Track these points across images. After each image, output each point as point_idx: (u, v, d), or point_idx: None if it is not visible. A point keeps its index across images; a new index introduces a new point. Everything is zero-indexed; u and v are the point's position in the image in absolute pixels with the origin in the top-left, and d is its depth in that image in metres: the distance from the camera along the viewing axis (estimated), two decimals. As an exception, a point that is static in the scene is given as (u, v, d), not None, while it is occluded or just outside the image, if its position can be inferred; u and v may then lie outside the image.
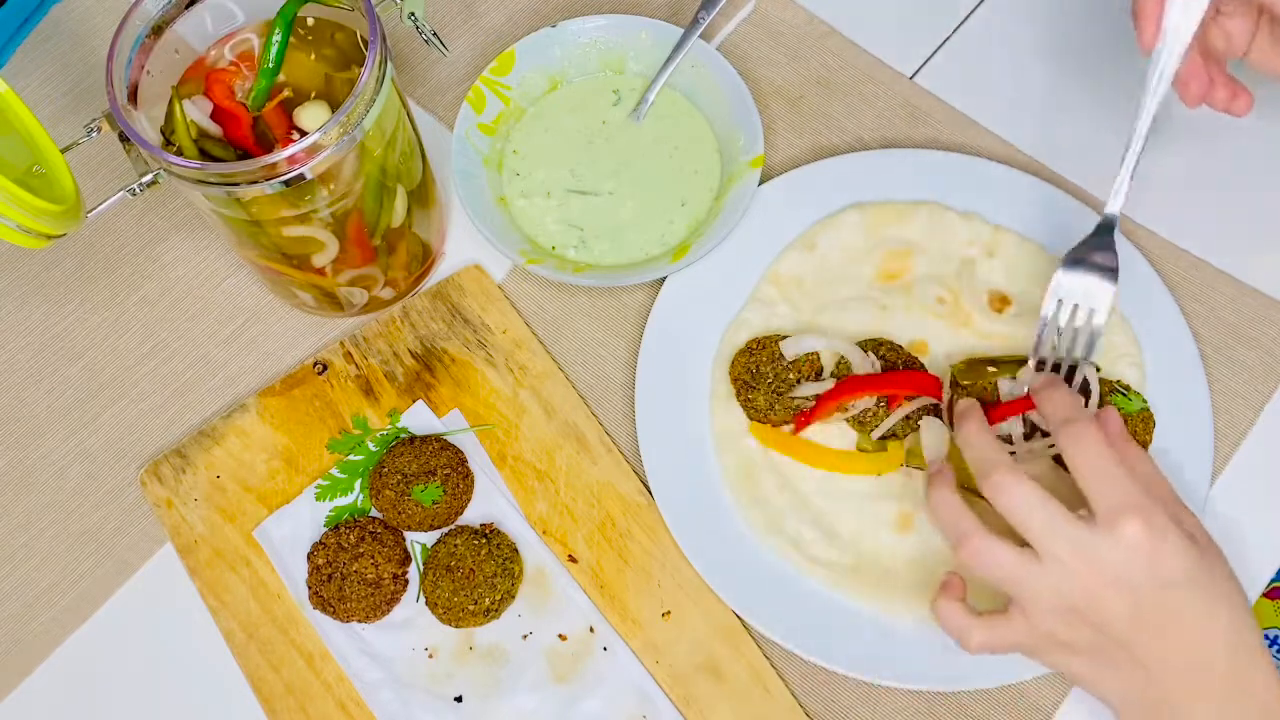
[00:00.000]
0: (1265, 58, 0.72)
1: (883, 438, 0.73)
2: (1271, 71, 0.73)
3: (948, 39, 0.88)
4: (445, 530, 0.73)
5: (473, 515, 0.74)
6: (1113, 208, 0.71)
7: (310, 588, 0.72)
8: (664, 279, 0.79)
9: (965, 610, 0.63)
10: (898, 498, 0.73)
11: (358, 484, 0.75)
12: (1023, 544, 0.61)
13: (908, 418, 0.73)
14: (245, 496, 0.75)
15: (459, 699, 0.70)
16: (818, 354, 0.75)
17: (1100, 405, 0.72)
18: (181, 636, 0.73)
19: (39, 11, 0.92)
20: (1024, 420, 0.71)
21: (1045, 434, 0.71)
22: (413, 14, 0.73)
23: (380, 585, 0.71)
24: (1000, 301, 0.77)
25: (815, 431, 0.74)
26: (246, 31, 0.72)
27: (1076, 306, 0.70)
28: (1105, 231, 0.71)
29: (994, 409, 0.70)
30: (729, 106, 0.82)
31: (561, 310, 0.81)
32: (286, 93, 0.70)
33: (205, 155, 0.68)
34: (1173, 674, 0.60)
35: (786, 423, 0.74)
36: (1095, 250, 0.71)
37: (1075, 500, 0.62)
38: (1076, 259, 0.71)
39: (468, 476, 0.74)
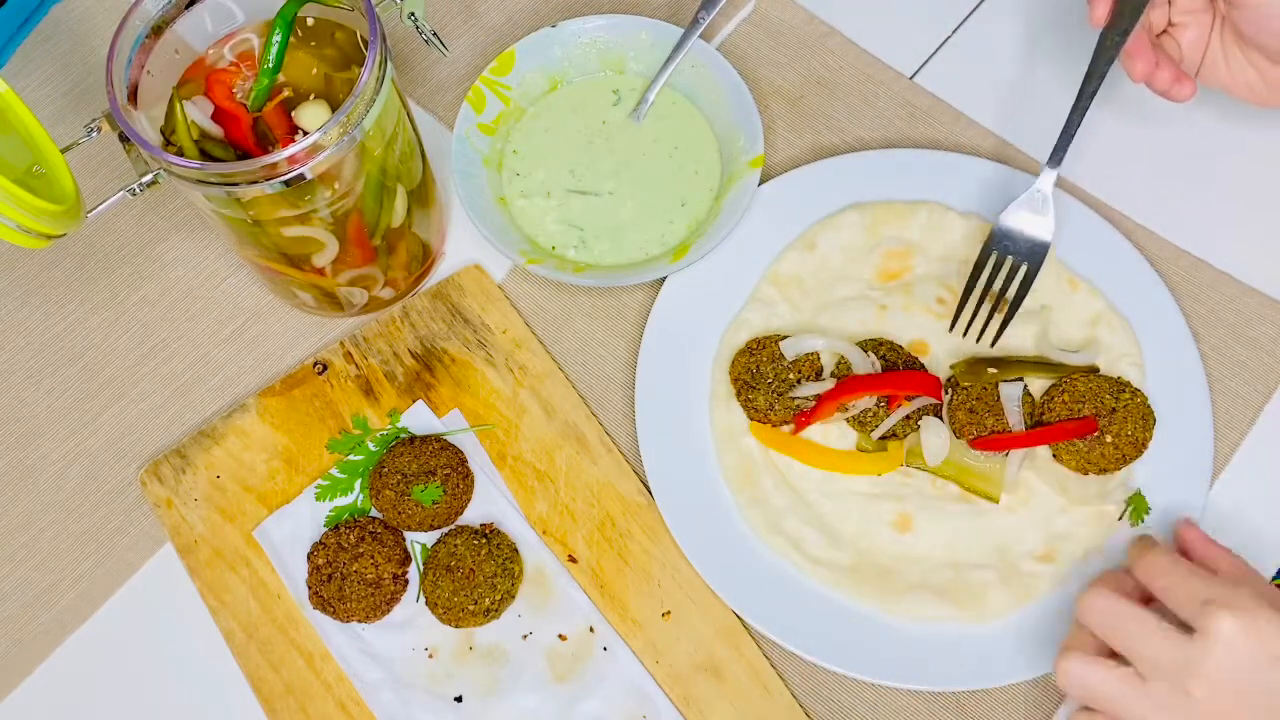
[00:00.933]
0: (1215, 69, 0.73)
1: (883, 438, 0.73)
2: (1220, 85, 0.73)
3: (948, 39, 0.88)
4: (445, 530, 0.73)
5: (473, 515, 0.74)
6: (1051, 165, 0.74)
7: (310, 588, 0.72)
8: (664, 279, 0.79)
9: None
10: (898, 498, 0.73)
11: (358, 484, 0.75)
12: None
13: (908, 418, 0.73)
14: (245, 496, 0.75)
15: (459, 699, 0.70)
16: (818, 354, 0.75)
17: (1109, 403, 0.72)
18: (181, 636, 0.73)
19: (39, 11, 0.92)
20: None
21: None
22: (413, 14, 0.73)
23: (380, 585, 0.71)
24: (1000, 302, 0.77)
25: (815, 431, 0.74)
26: (246, 31, 0.72)
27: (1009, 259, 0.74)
28: (1040, 195, 0.74)
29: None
30: (729, 106, 0.82)
31: (561, 310, 0.81)
32: (286, 93, 0.70)
33: (205, 155, 0.68)
34: None
35: (786, 423, 0.74)
36: (1027, 208, 0.74)
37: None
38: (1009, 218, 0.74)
39: (468, 476, 0.74)
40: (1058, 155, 0.74)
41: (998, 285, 0.74)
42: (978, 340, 0.75)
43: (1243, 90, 0.73)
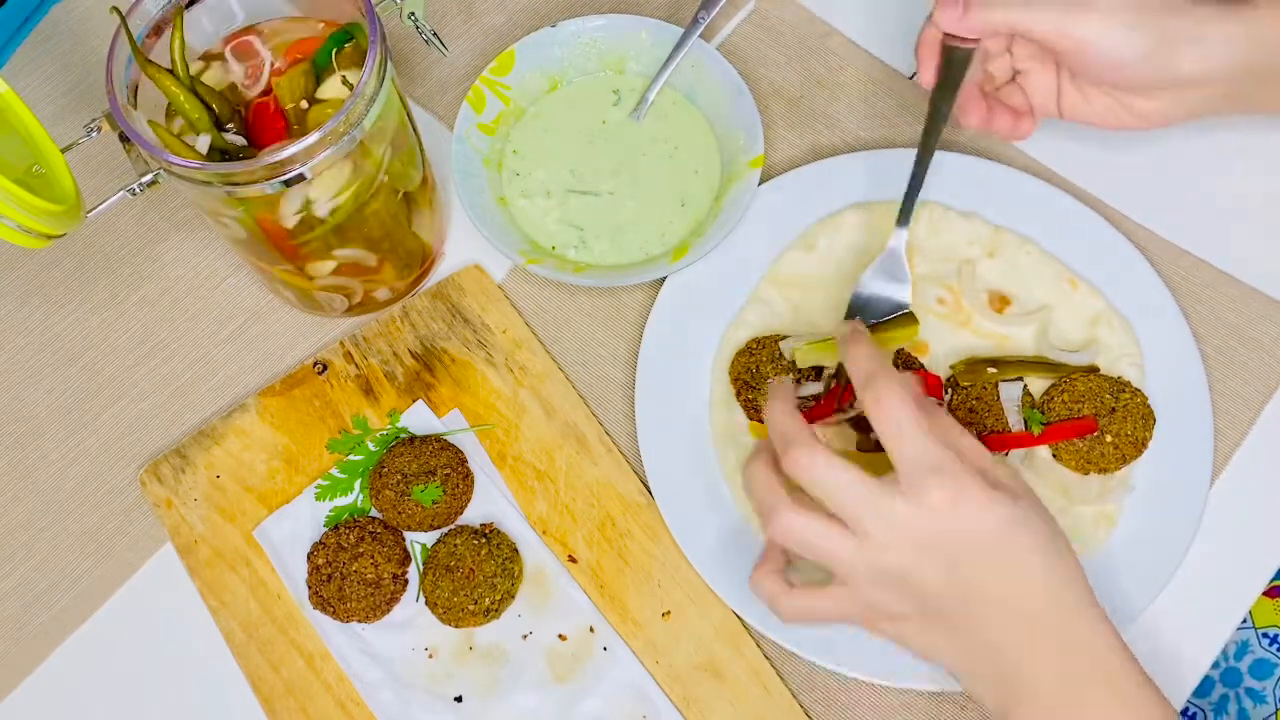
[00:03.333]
0: (1077, 109, 0.72)
1: (883, 438, 0.73)
2: (1087, 121, 0.73)
3: (948, 39, 0.88)
4: (445, 530, 0.73)
5: (473, 515, 0.74)
6: (900, 226, 0.73)
7: (310, 588, 0.72)
8: (664, 279, 0.79)
9: (778, 579, 0.62)
10: (898, 498, 0.73)
11: (358, 484, 0.75)
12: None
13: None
14: (245, 496, 0.75)
15: (459, 699, 0.70)
16: (818, 354, 0.75)
17: (1112, 406, 0.72)
18: (181, 636, 0.73)
19: (39, 11, 0.92)
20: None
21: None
22: (413, 14, 0.73)
23: (380, 585, 0.71)
24: (1000, 301, 0.77)
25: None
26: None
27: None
28: (894, 257, 0.73)
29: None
30: (729, 106, 0.82)
31: (561, 310, 0.81)
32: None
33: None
34: (998, 633, 0.58)
35: (786, 423, 0.74)
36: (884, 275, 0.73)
37: (886, 470, 0.60)
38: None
39: (468, 476, 0.74)
40: (905, 216, 0.73)
41: None
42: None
43: (1110, 120, 0.72)
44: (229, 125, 0.69)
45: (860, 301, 0.73)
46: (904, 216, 0.73)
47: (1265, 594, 0.97)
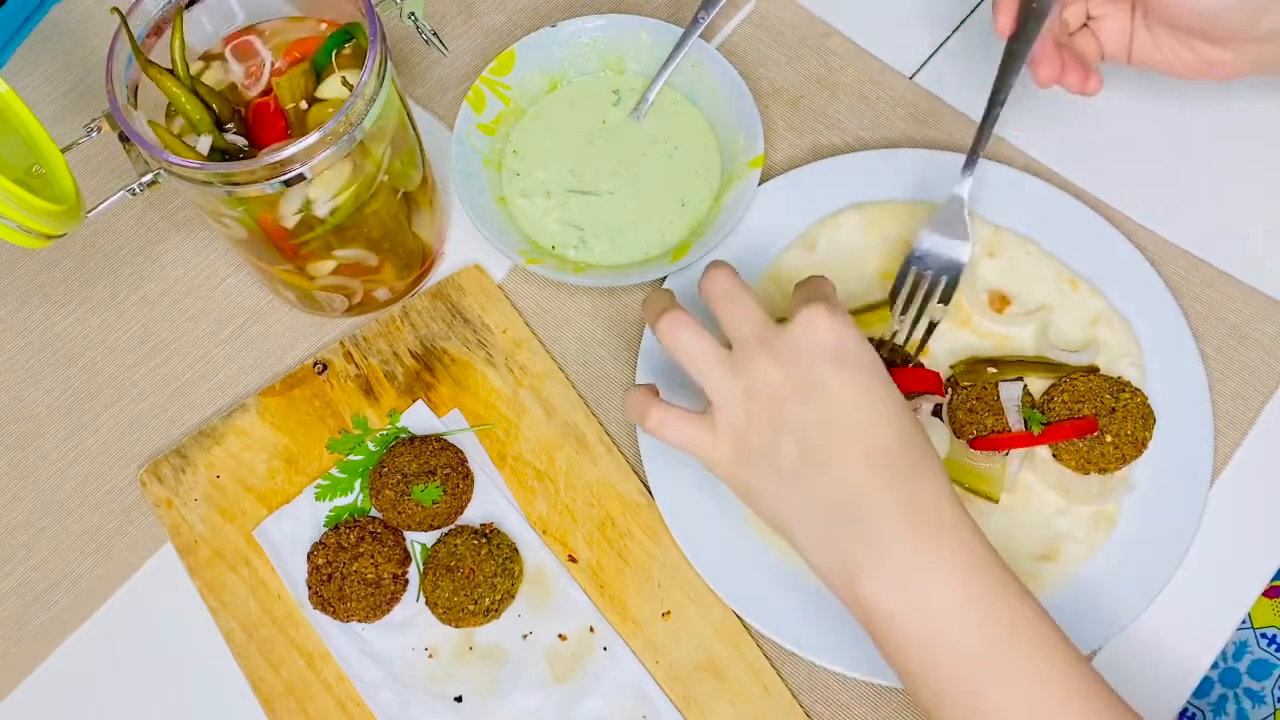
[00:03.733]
0: (1147, 54, 0.73)
1: (883, 438, 0.73)
2: (1155, 67, 0.74)
3: (948, 39, 0.88)
4: (445, 530, 0.73)
5: (473, 515, 0.74)
6: (962, 184, 0.74)
7: (310, 588, 0.72)
8: (664, 279, 0.79)
9: (652, 396, 0.64)
10: (898, 498, 0.73)
11: (358, 484, 0.75)
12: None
13: (908, 417, 0.73)
14: (245, 496, 0.75)
15: (459, 699, 0.70)
16: (818, 354, 0.75)
17: (1110, 404, 0.72)
18: (181, 636, 0.73)
19: (39, 11, 0.92)
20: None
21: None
22: (413, 14, 0.73)
23: (380, 585, 0.71)
24: (1000, 301, 0.77)
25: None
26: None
27: (928, 271, 0.75)
28: (955, 207, 0.75)
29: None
30: (729, 106, 0.82)
31: (561, 310, 0.81)
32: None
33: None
34: (849, 469, 0.59)
35: (786, 423, 0.74)
36: (948, 219, 0.74)
37: None
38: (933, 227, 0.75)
39: (468, 476, 0.74)
40: (970, 163, 0.74)
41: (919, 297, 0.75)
42: (905, 342, 0.75)
43: (1178, 67, 0.73)
44: (229, 125, 0.69)
45: (919, 254, 0.74)
46: (970, 164, 0.74)
47: (1264, 594, 0.98)
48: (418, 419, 0.76)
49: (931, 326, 0.75)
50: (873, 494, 0.59)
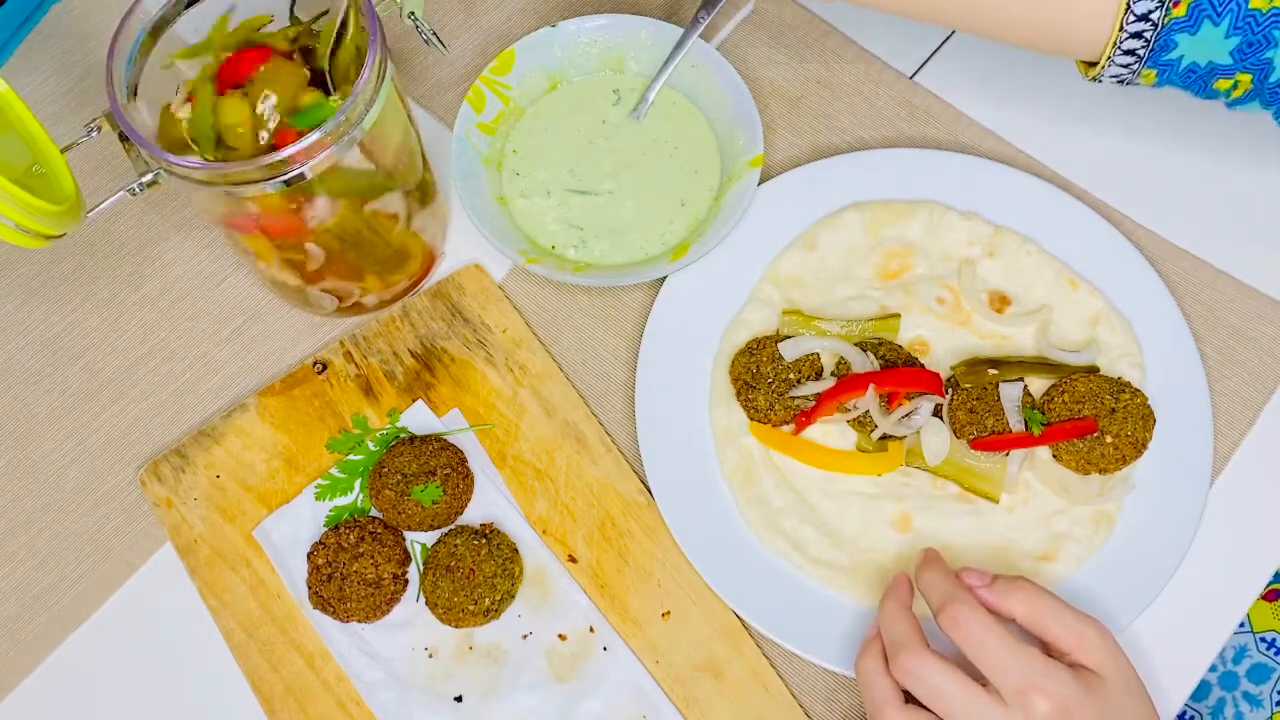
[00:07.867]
0: None
1: (883, 438, 0.73)
2: None
3: (948, 39, 0.88)
4: (445, 530, 0.73)
5: (473, 515, 0.74)
6: None
7: (310, 587, 0.72)
8: (664, 279, 0.79)
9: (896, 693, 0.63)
10: (898, 498, 0.73)
11: (358, 484, 0.75)
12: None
13: (906, 416, 0.73)
14: (245, 496, 0.75)
15: (459, 699, 0.70)
16: (818, 354, 0.75)
17: (1101, 405, 0.72)
18: (181, 636, 0.73)
19: (39, 11, 0.92)
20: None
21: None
22: (413, 14, 0.73)
23: (380, 585, 0.71)
24: (1000, 301, 0.77)
25: (815, 431, 0.74)
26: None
27: None
28: None
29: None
30: (729, 106, 0.82)
31: (561, 310, 0.81)
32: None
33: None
34: None
35: (787, 423, 0.74)
36: None
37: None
38: None
39: (468, 476, 0.74)
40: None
41: None
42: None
43: None
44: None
45: None
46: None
47: (1263, 598, 0.98)
48: (418, 419, 0.76)
49: None
50: None
